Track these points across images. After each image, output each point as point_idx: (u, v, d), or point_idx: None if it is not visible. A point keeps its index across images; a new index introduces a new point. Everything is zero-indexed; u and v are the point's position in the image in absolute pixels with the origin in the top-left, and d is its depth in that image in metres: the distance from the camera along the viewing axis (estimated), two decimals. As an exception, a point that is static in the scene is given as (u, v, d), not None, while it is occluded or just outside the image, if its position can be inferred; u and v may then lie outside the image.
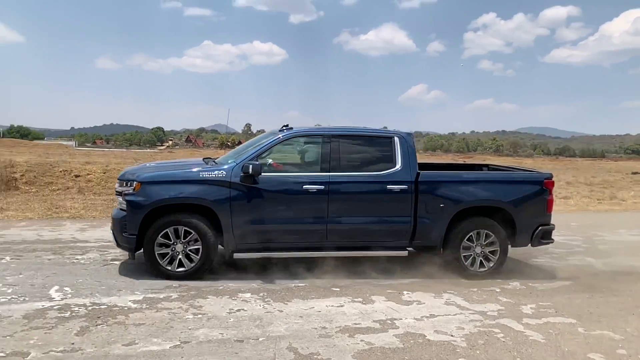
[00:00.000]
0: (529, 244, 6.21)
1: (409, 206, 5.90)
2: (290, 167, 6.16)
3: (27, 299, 4.66)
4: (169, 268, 5.47)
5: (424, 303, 5.01)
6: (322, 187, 5.73)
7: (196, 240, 5.49)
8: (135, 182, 5.56)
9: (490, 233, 6.02)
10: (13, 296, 4.71)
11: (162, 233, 5.43)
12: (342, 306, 4.82)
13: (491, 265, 6.04)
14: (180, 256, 5.49)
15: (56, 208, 10.38)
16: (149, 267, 5.53)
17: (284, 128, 6.17)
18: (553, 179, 6.32)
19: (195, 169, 5.79)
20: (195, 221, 5.49)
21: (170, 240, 5.47)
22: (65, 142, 78.62)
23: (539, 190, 6.19)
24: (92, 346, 3.70)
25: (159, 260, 5.46)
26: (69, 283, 5.15)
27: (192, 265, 5.49)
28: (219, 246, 5.68)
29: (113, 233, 5.74)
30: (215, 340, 3.93)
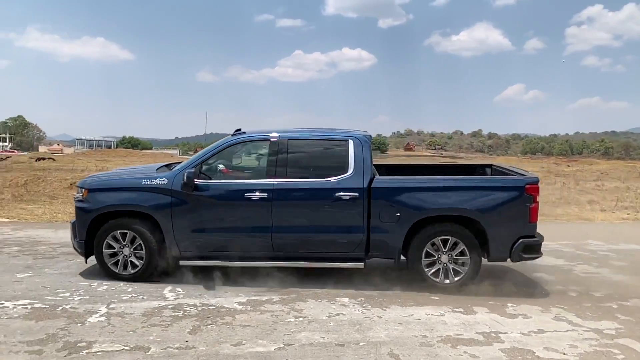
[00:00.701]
0: (508, 259, 5.53)
1: (361, 215, 5.47)
2: (239, 174, 5.95)
3: (145, 297, 5.06)
4: (116, 270, 5.63)
5: (531, 317, 4.75)
6: (266, 195, 5.49)
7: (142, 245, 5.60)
8: (83, 189, 5.79)
9: (459, 242, 5.45)
10: (133, 295, 5.14)
11: (109, 237, 5.59)
12: (442, 315, 4.71)
13: (460, 277, 5.46)
14: (128, 259, 5.63)
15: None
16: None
17: (236, 132, 6.03)
18: (537, 184, 5.50)
19: (140, 177, 5.84)
20: (138, 227, 5.58)
21: (119, 244, 5.62)
22: (170, 151, 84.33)
23: (518, 197, 5.40)
24: (204, 345, 3.94)
25: (107, 263, 5.63)
26: (178, 284, 5.50)
27: (137, 268, 5.61)
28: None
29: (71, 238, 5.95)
30: (317, 343, 4.01)
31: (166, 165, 6.35)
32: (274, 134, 5.79)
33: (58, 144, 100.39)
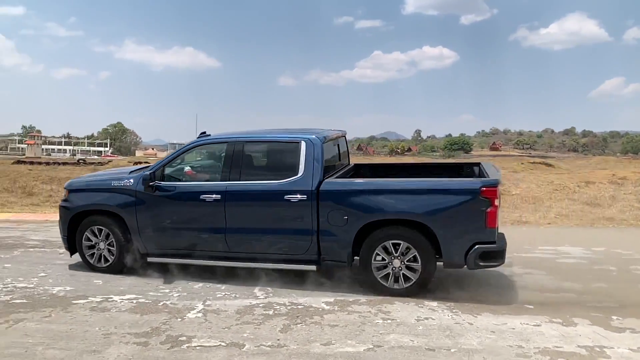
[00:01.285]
0: (465, 266, 5.12)
1: (309, 218, 5.34)
2: (200, 176, 6.11)
3: (237, 296, 5.28)
4: (92, 262, 6.12)
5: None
6: (219, 196, 5.57)
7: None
8: (65, 191, 6.33)
9: (411, 246, 5.14)
10: (226, 293, 5.38)
11: (87, 231, 6.07)
12: (539, 326, 4.48)
13: (410, 283, 5.18)
14: (102, 253, 6.08)
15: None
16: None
17: (201, 135, 6.21)
18: (496, 187, 5.00)
19: (111, 179, 6.24)
20: (110, 224, 5.98)
21: (96, 239, 6.07)
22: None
23: (473, 201, 4.98)
24: (295, 343, 4.04)
25: (85, 255, 6.13)
26: (268, 283, 5.67)
27: (109, 262, 6.05)
28: None
29: None
30: (406, 346, 3.98)
31: (142, 168, 6.67)
32: (230, 137, 5.96)
33: (152, 149, 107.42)
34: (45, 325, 4.34)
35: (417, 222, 5.16)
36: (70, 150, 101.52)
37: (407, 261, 5.20)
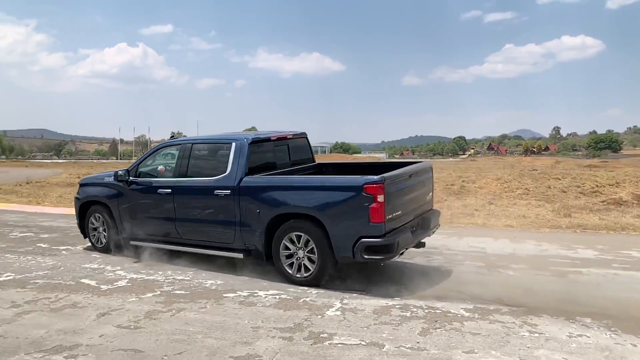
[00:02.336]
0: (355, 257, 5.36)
1: (233, 211, 6.04)
2: (165, 173, 6.96)
3: (373, 295, 5.34)
4: (94, 243, 7.59)
5: None
6: (170, 191, 6.55)
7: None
8: (78, 185, 8.03)
9: (309, 239, 5.58)
10: (362, 292, 5.47)
11: (91, 218, 7.52)
12: None
13: (309, 272, 5.65)
14: (100, 236, 7.50)
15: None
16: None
17: (171, 138, 7.36)
18: (380, 183, 5.18)
19: (105, 175, 7.58)
20: (103, 213, 7.32)
21: (96, 224, 7.49)
22: (377, 155, 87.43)
23: (357, 197, 5.28)
24: (435, 348, 3.97)
25: (91, 239, 7.63)
26: (404, 284, 5.65)
27: (103, 244, 7.45)
28: None
29: None
30: (558, 363, 3.70)
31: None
32: (183, 140, 7.04)
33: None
34: (202, 316, 4.78)
35: (312, 215, 5.56)
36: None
37: (307, 252, 5.66)
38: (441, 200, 13.59)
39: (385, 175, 5.38)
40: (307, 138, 7.57)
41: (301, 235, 5.67)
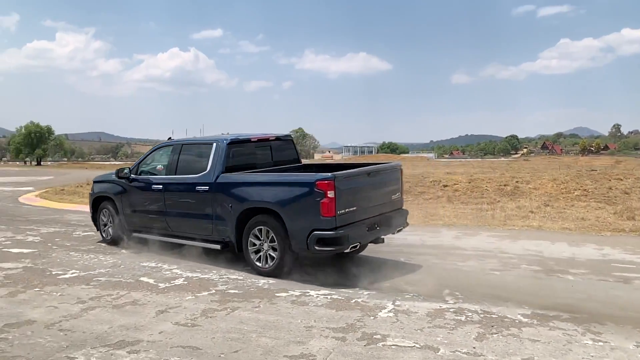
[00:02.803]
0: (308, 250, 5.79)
1: (210, 205, 6.58)
2: (161, 171, 7.57)
3: (425, 298, 5.26)
4: (103, 235, 8.49)
5: None
6: (161, 187, 7.25)
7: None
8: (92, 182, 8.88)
9: (272, 232, 6.03)
10: (414, 294, 5.40)
11: (101, 213, 8.41)
12: None
13: (272, 263, 6.11)
14: (108, 229, 8.33)
15: (431, 216, 11.43)
16: None
17: (168, 139, 7.88)
18: (331, 180, 5.58)
19: (113, 173, 8.11)
20: (109, 207, 8.16)
21: (105, 219, 8.39)
22: (425, 155, 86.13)
23: (310, 193, 5.68)
24: (492, 354, 3.87)
25: (100, 231, 8.54)
26: (458, 288, 5.55)
27: (110, 236, 8.30)
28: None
29: None
30: (625, 374, 3.52)
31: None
32: (175, 141, 7.61)
33: (329, 152, 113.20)
34: (255, 315, 4.86)
35: (273, 210, 5.98)
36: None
37: (270, 245, 6.11)
38: (494, 201, 13.25)
39: (336, 173, 5.78)
40: (292, 141, 8.14)
41: (266, 229, 6.13)
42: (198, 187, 6.74)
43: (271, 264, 6.11)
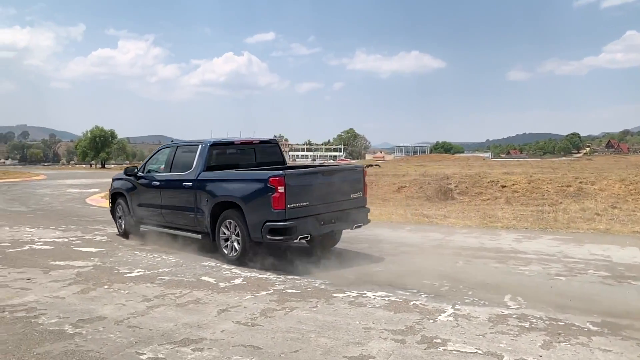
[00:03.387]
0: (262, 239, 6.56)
1: (193, 200, 7.53)
2: (162, 170, 8.54)
3: (486, 303, 5.13)
4: (118, 228, 9.70)
5: None
6: (159, 183, 8.30)
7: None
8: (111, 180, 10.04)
9: (236, 223, 6.85)
10: (474, 298, 5.28)
11: (117, 207, 9.63)
12: None
13: (236, 253, 6.97)
14: (121, 222, 9.51)
15: (489, 217, 11.13)
16: None
17: (171, 142, 9.15)
18: (281, 177, 6.37)
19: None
20: (122, 202, 9.35)
21: (121, 213, 9.50)
22: (481, 154, 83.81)
23: (264, 188, 6.47)
24: (561, 362, 3.72)
25: (116, 224, 9.80)
26: (520, 293, 5.37)
27: (123, 229, 9.49)
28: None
29: None
30: None
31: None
32: (172, 144, 9.00)
33: (380, 152, 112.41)
34: (314, 315, 4.90)
35: (237, 204, 6.79)
36: (311, 155, 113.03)
37: (236, 236, 6.93)
38: (556, 203, 12.73)
39: (287, 171, 6.76)
40: (277, 144, 8.92)
41: (233, 222, 6.92)
42: (184, 184, 7.70)
43: (235, 253, 6.98)
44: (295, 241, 6.79)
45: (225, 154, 8.06)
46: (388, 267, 6.73)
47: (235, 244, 6.98)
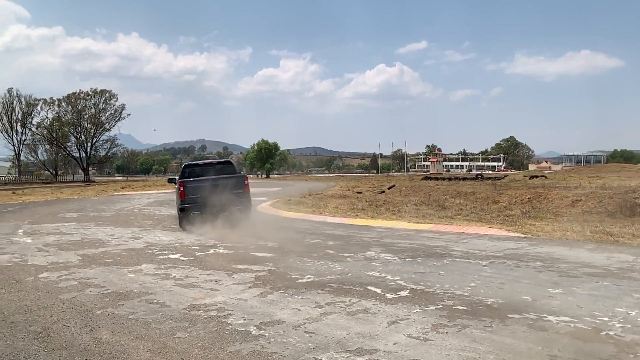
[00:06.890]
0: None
1: (179, 196, 13.44)
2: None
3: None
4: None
5: None
6: (177, 185, 13.91)
7: None
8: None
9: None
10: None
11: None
12: None
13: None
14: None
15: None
16: None
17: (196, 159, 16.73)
18: (181, 181, 13.47)
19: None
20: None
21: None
22: (672, 162, 72.33)
23: (179, 187, 13.40)
24: None
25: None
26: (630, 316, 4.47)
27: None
28: None
29: None
30: None
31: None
32: (186, 163, 15.96)
33: (546, 162, 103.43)
34: (489, 335, 4.64)
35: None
36: (466, 166, 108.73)
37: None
38: None
39: (185, 178, 13.42)
40: (230, 162, 15.32)
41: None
42: (177, 184, 13.64)
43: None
44: (191, 215, 12.96)
45: (194, 169, 14.15)
46: (570, 290, 6.11)
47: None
